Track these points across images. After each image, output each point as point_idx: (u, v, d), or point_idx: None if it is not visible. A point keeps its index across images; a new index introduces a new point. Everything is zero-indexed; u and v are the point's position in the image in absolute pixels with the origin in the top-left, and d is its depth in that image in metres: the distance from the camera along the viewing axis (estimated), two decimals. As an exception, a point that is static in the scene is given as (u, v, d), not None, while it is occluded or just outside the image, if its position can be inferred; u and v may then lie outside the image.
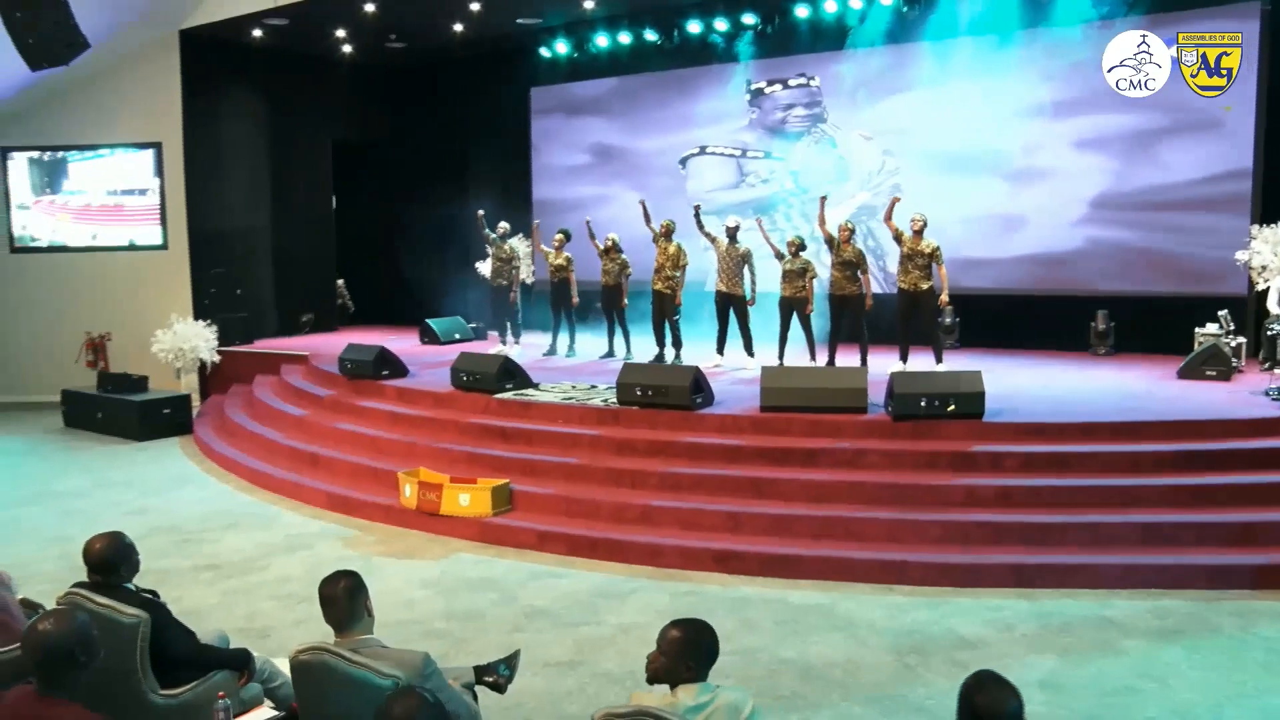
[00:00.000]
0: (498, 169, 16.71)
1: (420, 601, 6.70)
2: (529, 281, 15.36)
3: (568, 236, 12.55)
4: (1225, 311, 10.53)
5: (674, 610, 6.41)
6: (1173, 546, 6.70)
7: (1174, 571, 6.46)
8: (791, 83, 13.87)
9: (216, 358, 14.38)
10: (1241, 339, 10.38)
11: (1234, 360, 9.98)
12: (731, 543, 7.19)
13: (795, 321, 10.51)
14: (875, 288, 10.97)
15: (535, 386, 9.96)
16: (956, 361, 11.40)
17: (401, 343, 14.52)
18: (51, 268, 15.26)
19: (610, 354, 12.06)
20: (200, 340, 14.19)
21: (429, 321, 14.81)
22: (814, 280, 10.40)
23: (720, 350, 11.07)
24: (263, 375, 13.54)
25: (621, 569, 7.20)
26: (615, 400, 9.02)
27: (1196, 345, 10.33)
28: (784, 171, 14.07)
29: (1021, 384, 9.77)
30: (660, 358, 11.27)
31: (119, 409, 12.37)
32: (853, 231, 10.13)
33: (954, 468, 7.60)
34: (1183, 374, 9.88)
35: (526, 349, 12.88)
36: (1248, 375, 9.83)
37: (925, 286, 9.94)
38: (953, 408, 7.87)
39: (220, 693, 3.91)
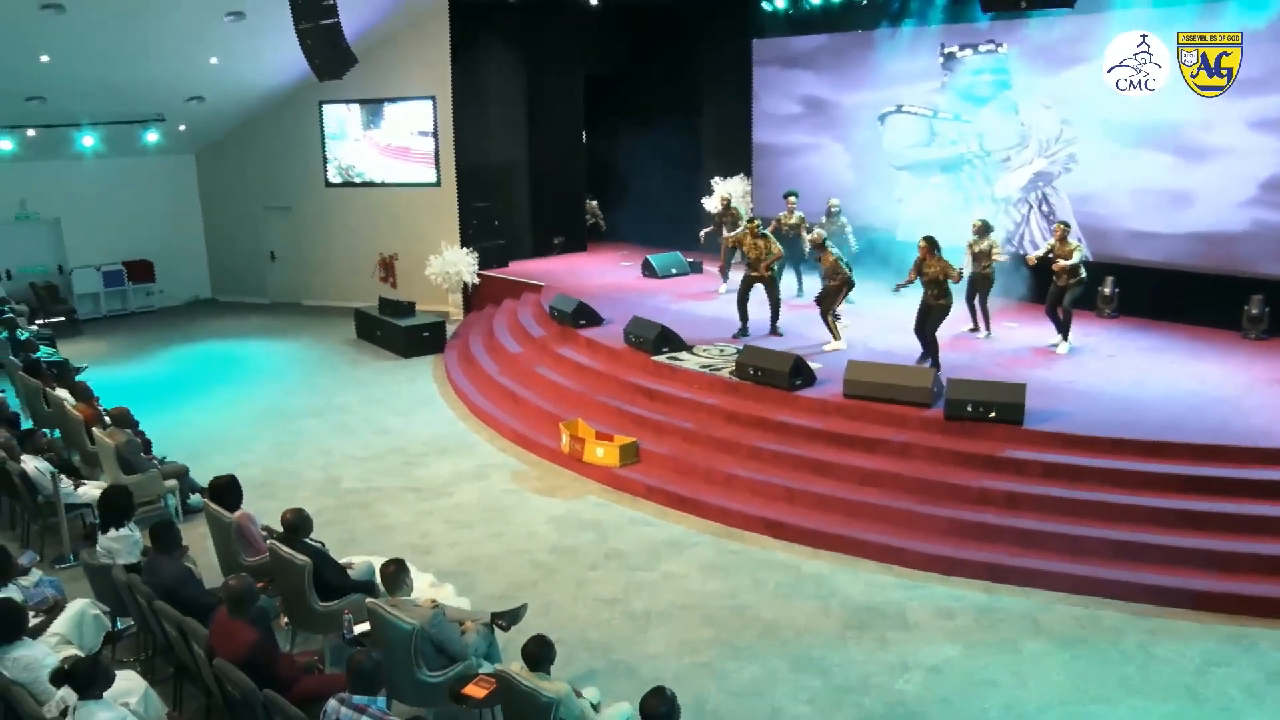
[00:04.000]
0: (724, 109, 18.50)
1: (540, 535, 9.20)
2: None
3: (797, 196, 14.22)
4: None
5: (716, 565, 8.53)
6: (1136, 563, 7.85)
7: (1123, 587, 7.68)
8: (981, 48, 14.45)
9: (476, 280, 17.50)
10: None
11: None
12: (782, 514, 9.09)
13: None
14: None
15: (689, 350, 11.99)
16: (1107, 333, 12.54)
17: (627, 274, 16.99)
18: (354, 200, 19.06)
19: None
20: (464, 265, 17.34)
21: (649, 257, 17.01)
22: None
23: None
24: (510, 299, 16.52)
25: (697, 524, 9.32)
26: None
27: (1325, 347, 10.62)
28: (971, 134, 14.82)
29: (1117, 376, 10.63)
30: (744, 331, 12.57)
31: (391, 330, 15.86)
32: (933, 247, 10.72)
33: (985, 468, 8.98)
34: (1288, 379, 10.31)
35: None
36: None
37: (1075, 280, 11.41)
38: (993, 415, 9.16)
39: (346, 609, 6.58)
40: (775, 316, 12.55)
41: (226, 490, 7.64)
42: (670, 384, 11.35)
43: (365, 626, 6.49)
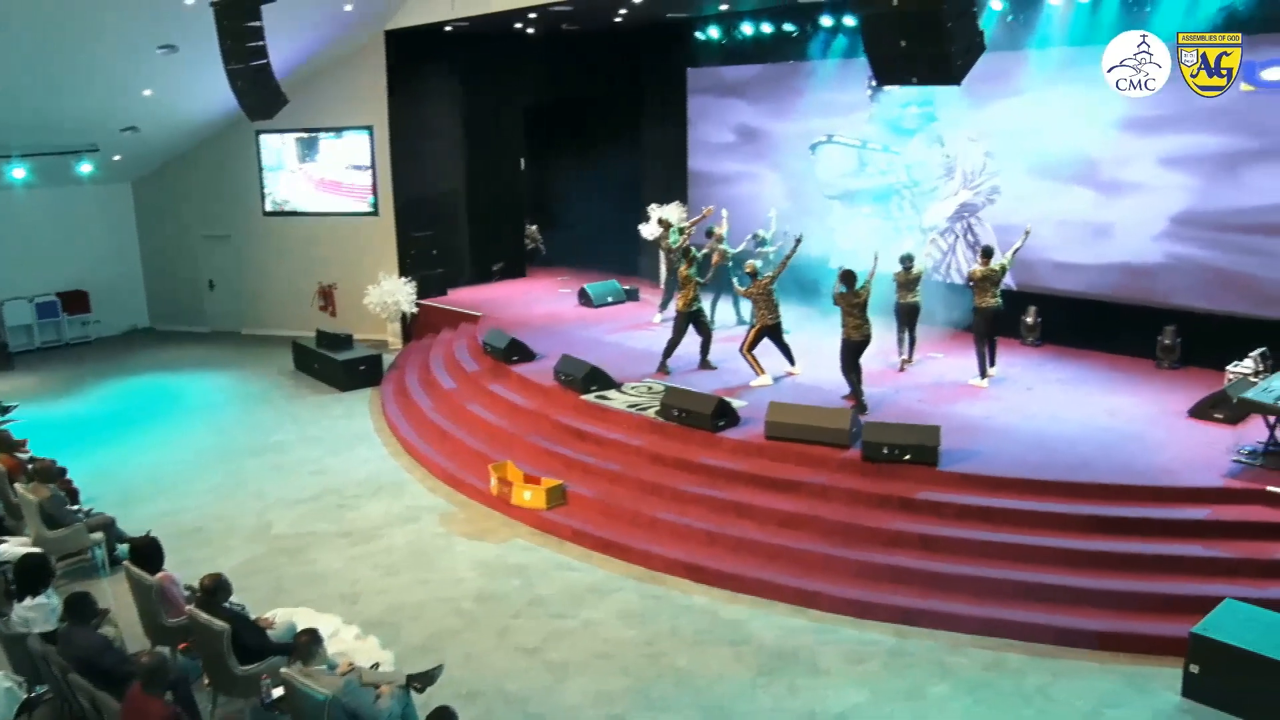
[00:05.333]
0: (664, 137, 18.76)
1: (466, 581, 9.30)
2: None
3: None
4: (1264, 350, 11.05)
5: (636, 611, 8.68)
6: (1044, 605, 8.11)
7: (1030, 628, 7.94)
8: (908, 82, 14.75)
9: (415, 309, 17.56)
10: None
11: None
12: (702, 557, 9.27)
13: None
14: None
15: (618, 388, 12.13)
16: (1028, 362, 12.97)
17: (565, 303, 17.12)
18: (292, 229, 19.06)
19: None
20: (402, 295, 17.41)
21: (585, 287, 17.14)
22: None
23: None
24: (449, 329, 16.60)
25: (620, 568, 9.47)
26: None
27: (1226, 381, 11.00)
28: (900, 165, 15.15)
29: (1034, 411, 10.96)
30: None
31: (328, 363, 15.85)
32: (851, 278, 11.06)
33: (900, 510, 9.21)
34: (1193, 413, 10.67)
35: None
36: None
37: (982, 304, 11.75)
38: (908, 457, 9.41)
39: (263, 673, 6.65)
40: (705, 350, 12.73)
41: (148, 552, 7.66)
42: (599, 424, 11.48)
43: (282, 690, 6.57)
